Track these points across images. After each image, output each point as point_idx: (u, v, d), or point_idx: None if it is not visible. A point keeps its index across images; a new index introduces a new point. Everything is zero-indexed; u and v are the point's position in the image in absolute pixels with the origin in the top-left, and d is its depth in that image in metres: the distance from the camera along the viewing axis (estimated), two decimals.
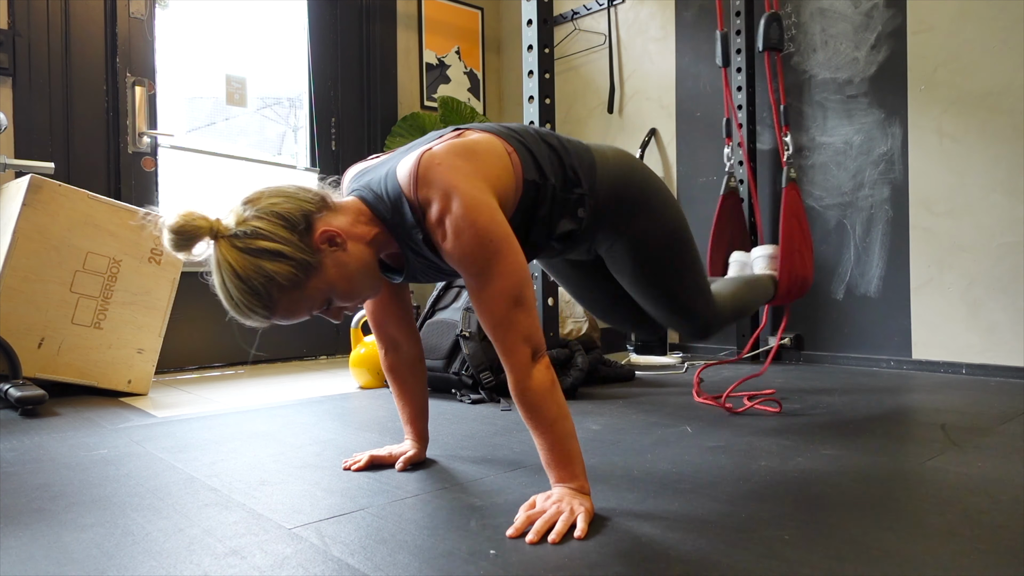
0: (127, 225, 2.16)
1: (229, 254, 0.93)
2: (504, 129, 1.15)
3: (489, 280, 0.98)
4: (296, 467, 1.30)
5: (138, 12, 2.71)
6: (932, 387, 2.08)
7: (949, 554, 0.84)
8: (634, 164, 1.31)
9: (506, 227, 1.00)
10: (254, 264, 0.93)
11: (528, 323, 0.99)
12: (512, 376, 1.00)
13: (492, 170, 1.05)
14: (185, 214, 0.91)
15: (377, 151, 3.38)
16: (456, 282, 2.21)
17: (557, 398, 1.00)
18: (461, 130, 1.11)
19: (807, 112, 2.70)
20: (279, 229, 0.95)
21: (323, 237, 0.98)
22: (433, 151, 1.01)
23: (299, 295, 0.97)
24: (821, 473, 1.19)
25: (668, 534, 0.92)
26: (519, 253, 1.00)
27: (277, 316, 0.99)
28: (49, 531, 0.98)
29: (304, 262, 0.96)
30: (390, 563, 0.84)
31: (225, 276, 0.94)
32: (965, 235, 2.33)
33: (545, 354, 1.01)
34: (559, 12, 3.53)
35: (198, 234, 0.92)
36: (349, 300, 1.04)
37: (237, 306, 0.96)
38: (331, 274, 0.99)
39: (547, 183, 1.14)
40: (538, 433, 1.00)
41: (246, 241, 0.93)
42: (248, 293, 0.94)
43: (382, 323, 1.29)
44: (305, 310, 1.00)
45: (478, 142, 1.07)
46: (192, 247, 0.93)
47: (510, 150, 1.10)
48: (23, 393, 1.82)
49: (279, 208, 0.96)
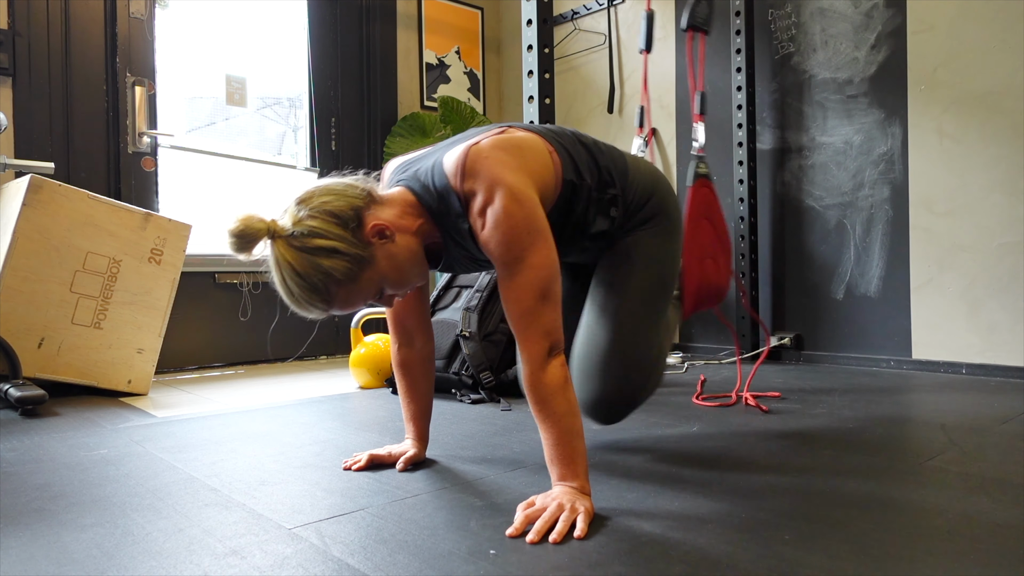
0: (127, 225, 2.16)
1: (287, 253, 0.98)
2: (545, 130, 1.20)
3: (520, 270, 1.01)
4: (296, 467, 1.30)
5: (138, 12, 2.71)
6: (932, 387, 2.08)
7: (949, 554, 0.84)
8: (662, 178, 1.35)
9: (544, 221, 1.04)
10: (311, 262, 0.98)
11: (551, 318, 1.02)
12: (527, 367, 1.02)
13: (535, 166, 1.09)
14: (244, 218, 0.96)
15: (377, 151, 3.38)
16: (456, 282, 2.21)
17: (568, 395, 1.01)
18: (505, 127, 1.15)
19: (807, 112, 2.70)
20: (332, 227, 0.99)
21: (373, 231, 1.02)
22: (480, 145, 1.05)
23: (355, 287, 1.02)
24: (821, 473, 1.19)
25: (668, 534, 0.92)
26: (553, 248, 1.04)
27: (335, 308, 1.04)
28: (49, 531, 0.98)
29: (358, 256, 1.01)
30: (390, 563, 0.84)
31: (285, 274, 0.99)
32: (965, 235, 2.33)
33: (562, 352, 1.03)
34: (559, 12, 3.53)
35: (257, 236, 0.97)
36: (400, 288, 1.09)
37: (298, 301, 1.01)
38: (383, 266, 1.04)
39: (583, 183, 1.18)
40: (545, 427, 1.01)
41: (303, 240, 0.98)
42: (308, 289, 0.99)
43: (401, 316, 1.30)
44: (361, 300, 1.05)
45: (523, 139, 1.11)
46: (252, 248, 0.98)
47: (551, 149, 1.14)
48: (23, 393, 1.82)
49: (331, 206, 1.00)
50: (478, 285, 2.09)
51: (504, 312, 1.34)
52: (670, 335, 1.64)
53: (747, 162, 2.78)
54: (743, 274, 2.78)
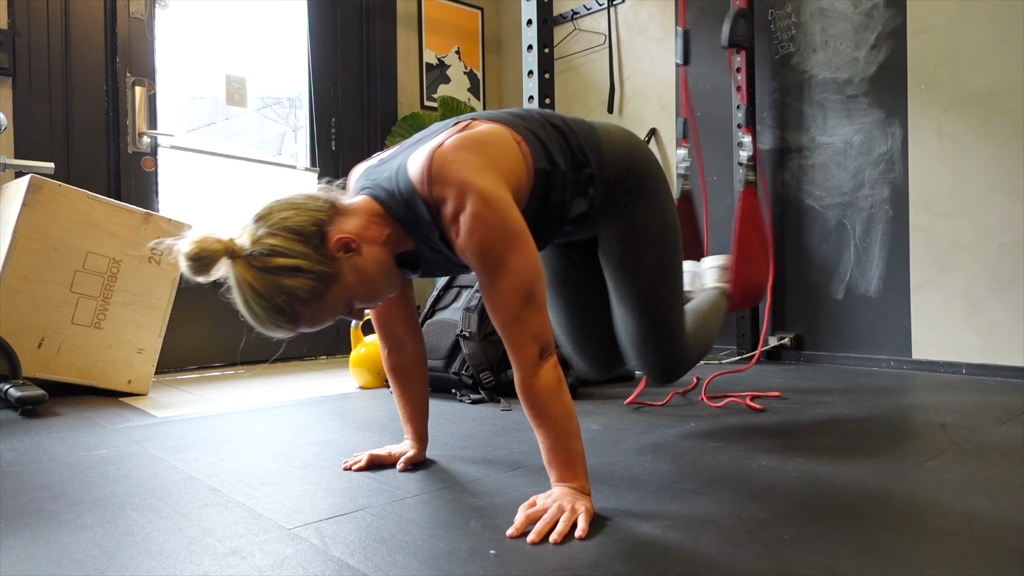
0: (127, 225, 2.16)
1: (248, 274, 0.94)
2: (510, 116, 1.14)
3: (501, 276, 0.97)
4: (296, 467, 1.30)
5: (138, 12, 2.71)
6: (932, 387, 2.08)
7: (949, 554, 0.84)
8: (637, 143, 1.29)
9: (520, 222, 0.99)
10: (274, 282, 0.94)
11: (538, 321, 0.99)
12: (519, 373, 0.99)
13: (504, 161, 1.04)
14: (199, 240, 0.92)
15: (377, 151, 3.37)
16: (456, 282, 2.21)
17: (563, 397, 0.99)
18: (467, 120, 1.09)
19: (807, 112, 2.70)
20: (294, 244, 0.95)
21: (338, 244, 0.98)
22: (444, 147, 1.00)
23: (321, 305, 0.98)
24: (821, 473, 1.19)
25: (668, 534, 0.92)
26: (533, 250, 1.00)
27: (302, 327, 1.00)
28: (49, 531, 0.98)
29: (323, 273, 0.96)
30: (390, 563, 0.84)
31: (247, 295, 0.95)
32: (965, 235, 2.33)
33: (554, 353, 1.01)
34: (559, 12, 3.53)
35: (214, 258, 0.93)
36: (370, 302, 1.05)
37: (262, 322, 0.97)
38: (350, 280, 1.00)
39: (557, 169, 1.13)
40: (541, 431, 1.00)
41: (263, 260, 0.94)
42: (271, 310, 0.95)
43: (386, 322, 1.28)
44: (329, 317, 1.01)
45: (488, 133, 1.05)
46: (210, 271, 0.94)
47: (519, 139, 1.09)
48: (23, 393, 1.82)
49: (291, 222, 0.96)
50: (478, 285, 2.09)
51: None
52: (719, 321, 1.73)
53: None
54: None
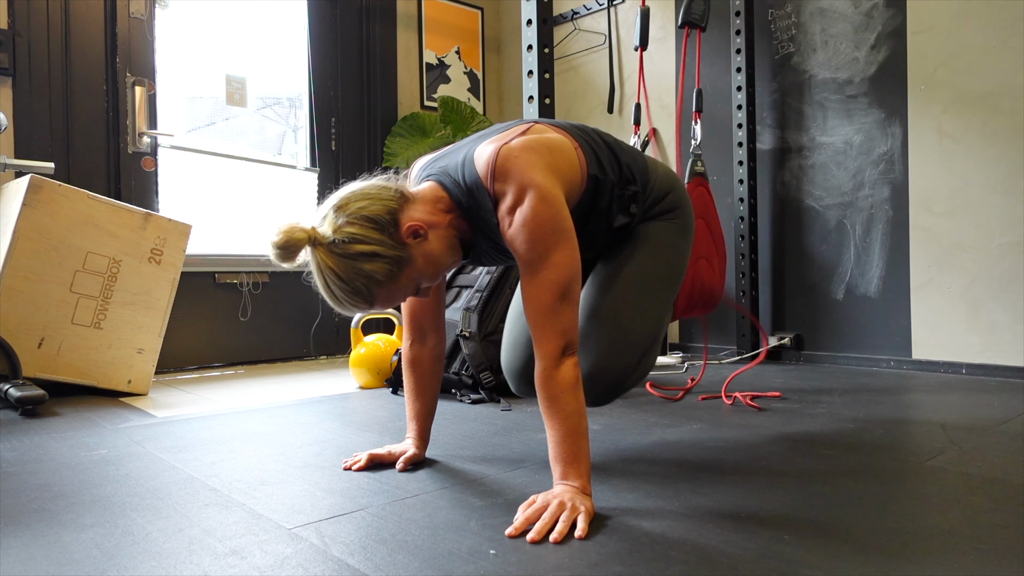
0: (127, 225, 2.16)
1: (329, 260, 1.02)
2: (570, 127, 1.23)
3: (543, 268, 1.03)
4: (296, 467, 1.30)
5: (138, 12, 2.71)
6: (932, 387, 2.08)
7: (949, 554, 0.84)
8: (678, 180, 1.37)
9: (570, 222, 1.06)
10: (353, 267, 1.02)
11: (569, 317, 1.04)
12: (540, 363, 1.03)
13: (563, 165, 1.12)
14: (286, 229, 1.00)
15: (377, 151, 3.38)
16: (456, 282, 2.21)
17: (578, 395, 1.03)
18: (531, 124, 1.18)
19: (807, 112, 2.70)
20: (371, 231, 1.03)
21: (408, 231, 1.06)
22: (511, 144, 1.08)
23: (395, 286, 1.06)
24: (821, 473, 1.19)
25: (668, 534, 0.92)
26: (576, 249, 1.06)
27: (376, 306, 1.08)
28: (49, 531, 0.98)
29: (397, 257, 1.04)
30: (390, 563, 0.84)
31: (328, 279, 1.03)
32: (965, 235, 2.33)
33: (576, 353, 1.05)
34: (559, 12, 3.53)
35: (299, 245, 1.01)
36: (436, 280, 1.13)
37: (340, 303, 1.05)
38: (420, 263, 1.08)
39: (607, 178, 1.21)
40: (552, 424, 1.02)
41: (343, 247, 1.01)
42: (351, 293, 1.03)
43: (417, 314, 1.31)
44: (401, 297, 1.09)
45: (552, 139, 1.14)
46: (295, 257, 1.03)
47: (576, 146, 1.17)
48: (23, 393, 1.82)
49: (368, 211, 1.04)
50: (478, 285, 2.08)
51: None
52: None
53: (747, 162, 2.78)
54: (743, 274, 2.78)
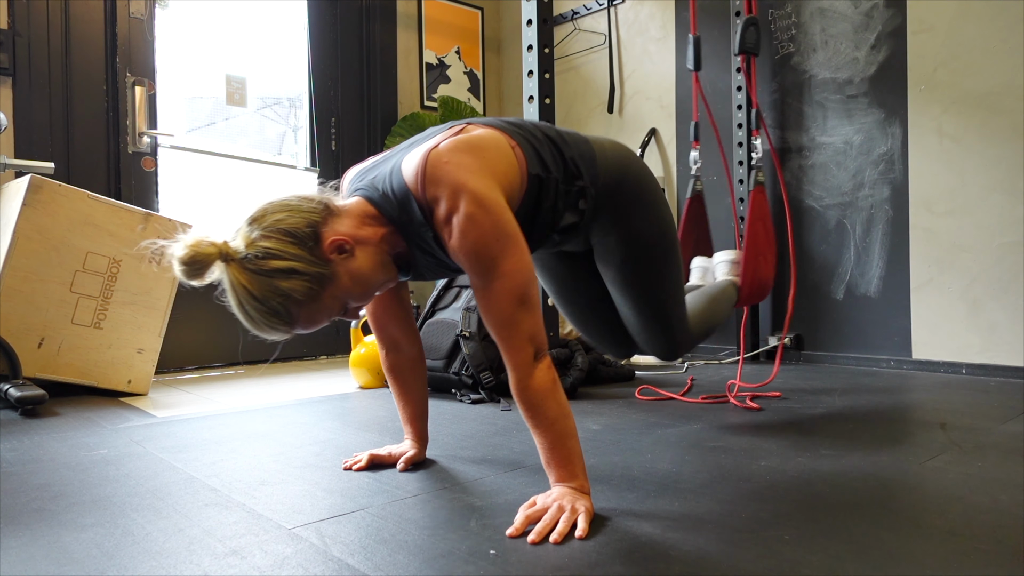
0: (127, 225, 2.16)
1: (243, 277, 0.94)
2: (505, 123, 1.15)
3: (495, 279, 0.98)
4: (296, 467, 1.30)
5: (138, 12, 2.71)
6: (932, 387, 2.08)
7: (949, 554, 0.84)
8: (631, 158, 1.31)
9: (514, 225, 1.00)
10: (269, 284, 0.94)
11: (532, 322, 0.99)
12: (514, 375, 1.00)
13: (498, 166, 1.04)
14: (193, 243, 0.92)
15: (377, 151, 3.38)
16: (456, 282, 2.21)
17: (558, 397, 1.00)
18: (462, 125, 1.10)
19: (807, 112, 2.70)
20: (288, 246, 0.95)
21: (332, 246, 0.98)
22: (439, 149, 1.00)
23: (317, 306, 0.99)
24: (821, 473, 1.19)
25: (668, 534, 0.92)
26: (525, 252, 1.00)
27: (298, 328, 1.00)
28: (49, 531, 0.98)
29: (318, 274, 0.96)
30: (390, 563, 0.84)
31: (242, 298, 0.95)
32: (965, 235, 2.33)
33: (547, 354, 1.01)
34: (559, 12, 3.53)
35: (208, 261, 0.93)
36: (365, 301, 1.06)
37: (257, 325, 0.97)
38: (345, 281, 1.00)
39: (550, 176, 1.14)
40: (538, 432, 1.00)
41: (257, 263, 0.93)
42: (267, 313, 0.95)
43: (383, 323, 1.29)
44: (325, 318, 1.01)
45: (483, 138, 1.06)
46: (204, 274, 0.94)
47: (513, 144, 1.10)
48: (23, 393, 1.82)
49: (285, 224, 0.96)
50: None
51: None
52: (726, 310, 1.80)
53: (747, 162, 2.78)
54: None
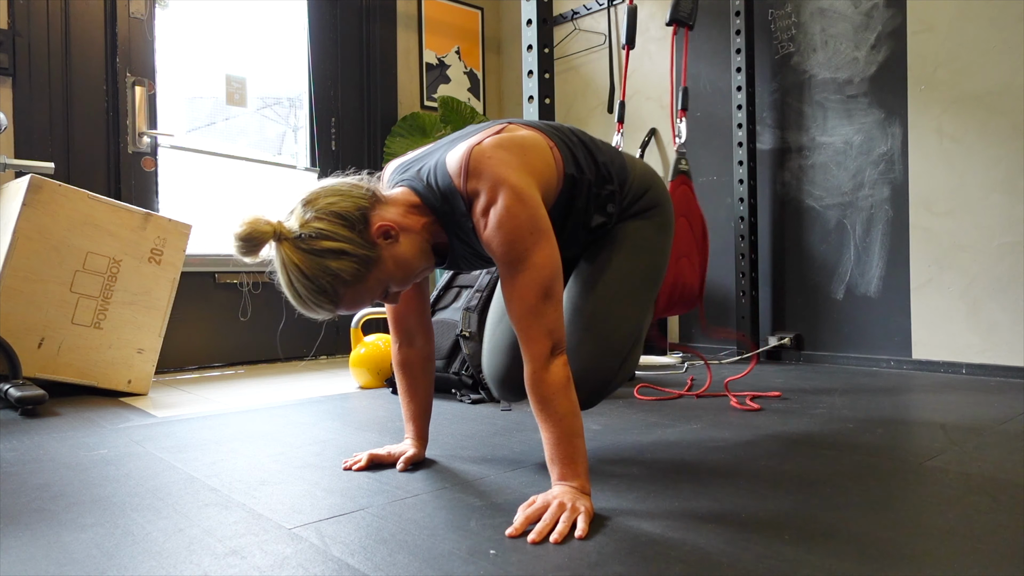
0: (127, 225, 2.16)
1: (295, 255, 0.98)
2: (545, 125, 1.20)
3: (524, 270, 1.01)
4: (296, 467, 1.30)
5: (138, 12, 2.71)
6: (932, 387, 2.08)
7: (949, 554, 0.84)
8: (657, 178, 1.35)
9: (547, 221, 1.04)
10: (319, 263, 0.98)
11: (554, 317, 1.02)
12: (529, 366, 1.02)
13: (537, 164, 1.09)
14: (250, 221, 0.96)
15: (377, 151, 3.38)
16: (456, 282, 2.21)
17: (570, 395, 1.01)
18: (504, 124, 1.15)
19: (807, 112, 2.70)
20: (339, 228, 0.99)
21: (379, 231, 1.03)
22: (482, 144, 1.06)
23: (362, 287, 1.03)
24: (821, 473, 1.19)
25: (668, 534, 0.92)
26: (555, 248, 1.04)
27: (342, 308, 1.04)
28: (49, 531, 0.98)
29: (365, 257, 1.01)
30: (390, 563, 0.84)
31: (292, 276, 0.99)
32: (965, 235, 2.33)
33: (564, 351, 1.03)
34: (559, 12, 3.53)
35: (263, 239, 0.97)
36: (405, 285, 1.10)
37: (305, 303, 1.01)
38: (389, 266, 1.04)
39: (583, 177, 1.18)
40: (547, 426, 1.01)
41: (310, 242, 0.98)
42: (315, 291, 0.99)
43: (402, 316, 1.30)
44: (368, 300, 1.06)
45: (524, 137, 1.11)
46: (259, 251, 0.98)
47: (551, 145, 1.15)
48: (23, 393, 1.82)
49: (337, 207, 1.00)
50: (478, 285, 2.08)
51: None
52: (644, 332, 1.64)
53: (747, 162, 2.78)
54: (743, 274, 2.78)
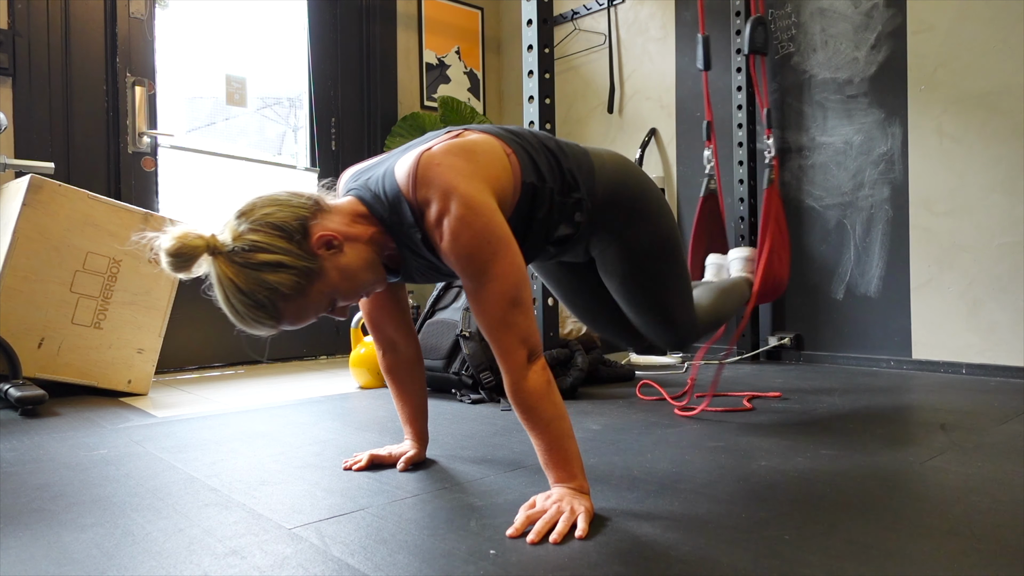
0: (127, 225, 2.16)
1: (229, 270, 0.93)
2: (503, 131, 1.15)
3: (487, 281, 0.97)
4: (296, 467, 1.30)
5: (138, 12, 2.71)
6: (932, 387, 2.08)
7: (949, 554, 0.84)
8: (631, 169, 1.31)
9: (505, 228, 1.00)
10: (256, 278, 0.93)
11: (525, 325, 0.99)
12: (508, 377, 1.00)
13: (491, 171, 1.04)
14: (180, 235, 0.91)
15: (377, 151, 3.38)
16: (456, 282, 2.21)
17: (554, 398, 1.00)
18: (459, 131, 1.11)
19: (807, 112, 2.70)
20: (276, 240, 0.94)
21: (320, 241, 0.98)
22: (432, 151, 1.01)
23: (304, 301, 0.98)
24: (821, 473, 1.19)
25: (668, 534, 0.92)
26: (517, 254, 1.00)
27: (284, 324, 0.99)
28: (49, 531, 0.98)
29: (305, 269, 0.96)
30: (390, 563, 0.84)
31: (228, 292, 0.94)
32: (965, 235, 2.33)
33: (541, 356, 1.01)
34: (559, 12, 3.53)
35: (195, 254, 0.92)
36: (353, 299, 1.05)
37: (243, 319, 0.97)
38: (333, 277, 0.99)
39: (545, 186, 1.14)
40: (535, 434, 1.00)
41: (244, 256, 0.93)
42: (253, 307, 0.95)
43: (380, 324, 1.29)
44: (311, 314, 1.01)
45: (477, 142, 1.06)
46: (191, 267, 0.93)
47: (509, 151, 1.10)
48: (23, 393, 1.82)
49: (273, 218, 0.95)
50: None
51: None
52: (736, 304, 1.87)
53: (747, 162, 2.78)
54: None
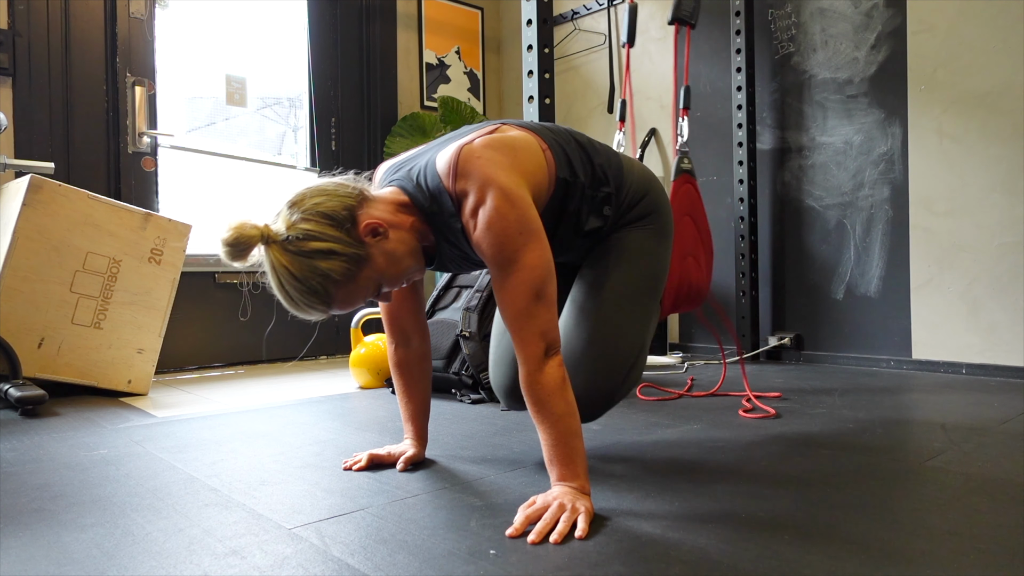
0: (127, 225, 2.16)
1: (283, 258, 0.98)
2: (539, 127, 1.19)
3: (514, 271, 1.00)
4: (296, 467, 1.30)
5: (138, 12, 2.71)
6: (932, 387, 2.08)
7: (949, 554, 0.84)
8: (655, 180, 1.34)
9: (537, 221, 1.03)
10: (308, 264, 0.98)
11: (547, 318, 1.01)
12: (524, 368, 1.01)
13: (527, 165, 1.08)
14: (236, 226, 0.96)
15: (377, 151, 3.38)
16: (456, 282, 2.21)
17: (567, 395, 1.01)
18: (498, 124, 1.14)
19: (807, 112, 2.70)
20: (327, 228, 0.99)
21: (367, 229, 1.02)
22: (472, 145, 1.05)
23: (353, 287, 1.02)
24: (821, 473, 1.19)
25: (668, 534, 0.92)
26: (547, 248, 1.03)
27: (334, 309, 1.04)
28: (49, 531, 0.98)
29: (355, 255, 1.01)
30: (390, 563, 0.84)
31: (282, 279, 0.99)
32: (965, 235, 2.33)
33: (559, 352, 1.03)
34: (559, 12, 3.53)
35: (251, 243, 0.97)
36: (396, 284, 1.10)
37: (297, 305, 1.01)
38: (380, 263, 1.04)
39: (577, 180, 1.17)
40: (544, 428, 1.01)
41: (297, 244, 0.98)
42: (307, 292, 0.99)
43: (397, 316, 1.30)
44: (360, 299, 1.06)
45: (515, 138, 1.10)
46: (247, 256, 0.98)
47: (544, 147, 1.14)
48: (23, 393, 1.82)
49: (324, 207, 1.00)
50: (478, 285, 2.09)
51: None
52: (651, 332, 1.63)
53: (747, 162, 2.78)
54: (743, 274, 2.78)
